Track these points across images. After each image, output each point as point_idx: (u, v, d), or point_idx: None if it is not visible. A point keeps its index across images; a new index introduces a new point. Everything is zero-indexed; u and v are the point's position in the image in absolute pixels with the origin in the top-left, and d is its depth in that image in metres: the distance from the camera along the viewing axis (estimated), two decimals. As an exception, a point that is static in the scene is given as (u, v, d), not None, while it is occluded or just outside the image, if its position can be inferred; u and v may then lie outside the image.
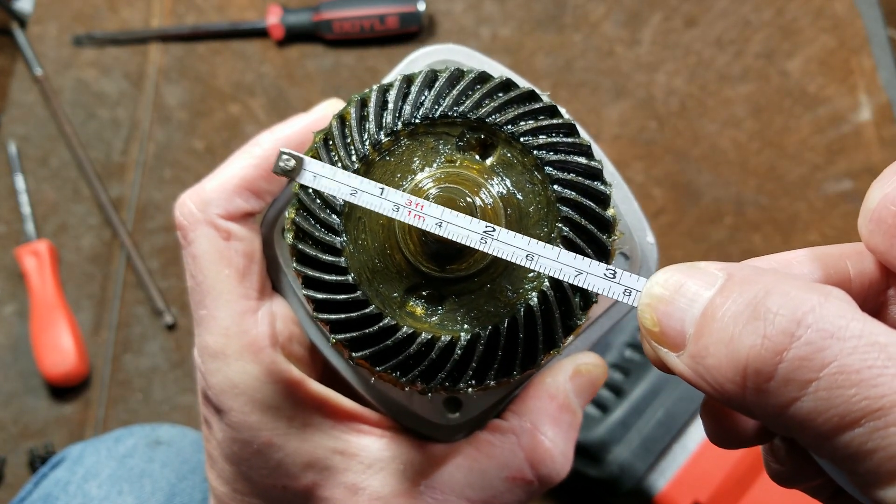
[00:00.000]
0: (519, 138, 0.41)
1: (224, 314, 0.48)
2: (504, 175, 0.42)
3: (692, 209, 1.27)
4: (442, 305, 0.41)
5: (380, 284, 0.41)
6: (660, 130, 1.32)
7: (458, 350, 0.40)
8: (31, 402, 1.28)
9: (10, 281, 1.34)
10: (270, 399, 0.47)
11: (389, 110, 0.42)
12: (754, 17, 1.35)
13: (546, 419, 0.48)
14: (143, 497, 0.75)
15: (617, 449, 0.94)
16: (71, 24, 1.51)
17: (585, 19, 1.40)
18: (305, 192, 0.42)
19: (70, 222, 1.38)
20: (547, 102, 0.42)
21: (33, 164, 1.42)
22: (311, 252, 0.41)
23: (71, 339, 1.26)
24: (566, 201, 0.40)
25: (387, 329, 0.40)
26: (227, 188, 0.49)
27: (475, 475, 0.47)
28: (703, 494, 0.92)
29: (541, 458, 0.47)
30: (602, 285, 0.36)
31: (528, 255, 0.37)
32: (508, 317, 0.40)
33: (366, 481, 0.47)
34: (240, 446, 0.48)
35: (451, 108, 0.42)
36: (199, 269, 0.49)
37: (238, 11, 1.49)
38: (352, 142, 0.42)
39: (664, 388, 0.96)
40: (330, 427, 0.48)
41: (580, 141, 0.41)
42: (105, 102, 1.45)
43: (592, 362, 0.49)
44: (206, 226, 0.48)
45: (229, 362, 0.47)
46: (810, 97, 1.29)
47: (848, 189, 1.24)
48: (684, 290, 0.32)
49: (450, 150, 0.42)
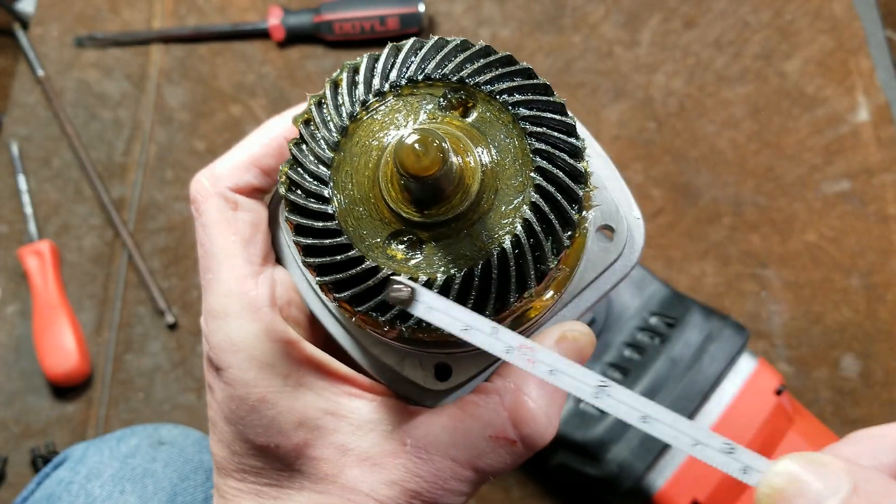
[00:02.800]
0: (497, 96, 0.44)
1: (227, 276, 0.51)
2: (483, 131, 0.45)
3: (691, 209, 1.27)
4: (421, 250, 0.43)
5: (363, 230, 0.44)
6: (658, 131, 1.32)
7: (433, 290, 0.41)
8: (33, 402, 1.28)
9: (13, 281, 1.35)
10: (267, 356, 0.49)
11: (377, 74, 0.46)
12: (753, 18, 1.36)
13: (530, 381, 0.48)
14: (145, 497, 0.76)
15: (616, 448, 0.95)
16: (73, 26, 1.52)
17: (584, 20, 1.41)
18: (298, 147, 0.45)
19: (72, 222, 1.39)
20: (524, 66, 0.45)
21: (35, 165, 1.42)
22: (301, 201, 0.44)
23: (73, 338, 1.27)
24: (539, 152, 0.43)
25: (368, 270, 0.42)
26: (238, 164, 0.53)
27: (459, 435, 0.48)
28: (702, 493, 0.92)
29: (523, 418, 0.48)
30: (719, 459, 0.36)
31: (644, 416, 0.38)
32: (483, 259, 0.42)
33: (354, 442, 0.49)
34: (237, 404, 0.50)
35: (435, 70, 0.45)
36: (208, 235, 0.52)
37: (239, 13, 1.50)
38: (342, 103, 0.46)
39: (663, 387, 0.96)
40: (322, 388, 0.50)
41: (554, 99, 0.44)
42: (107, 103, 1.46)
43: (579, 329, 0.50)
44: (217, 197, 0.53)
45: (229, 321, 0.50)
46: (808, 98, 1.30)
47: (846, 189, 1.25)
48: (806, 489, 0.32)
49: (433, 109, 0.45)
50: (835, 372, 1.17)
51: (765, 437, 0.93)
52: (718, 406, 0.95)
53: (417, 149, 0.39)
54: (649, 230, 1.26)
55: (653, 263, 1.24)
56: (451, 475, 0.48)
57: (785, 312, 1.19)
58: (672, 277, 1.24)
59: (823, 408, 1.15)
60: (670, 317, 1.02)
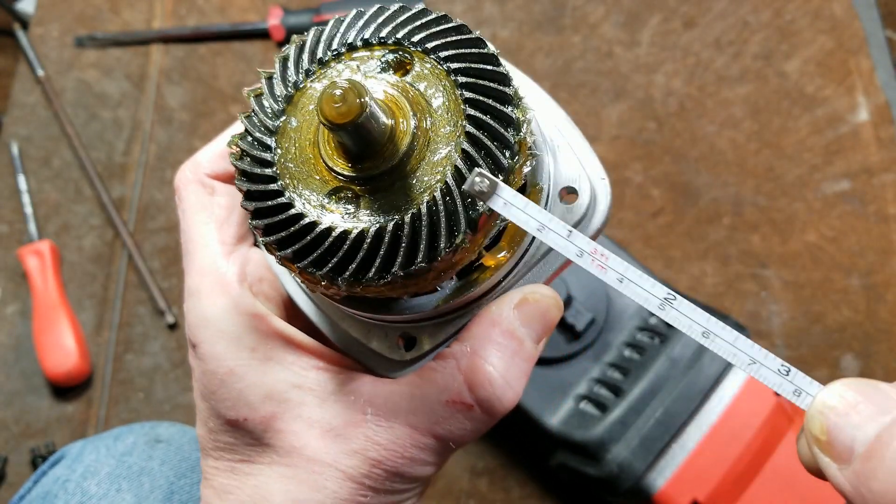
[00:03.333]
0: (430, 54, 0.46)
1: (201, 255, 0.53)
2: (418, 87, 0.46)
3: (691, 209, 1.27)
4: (358, 204, 0.45)
5: (304, 190, 0.45)
6: (658, 131, 1.32)
7: (366, 241, 0.42)
8: (33, 402, 1.28)
9: (13, 281, 1.35)
10: (235, 330, 0.51)
11: (321, 44, 0.48)
12: (753, 18, 1.36)
13: (487, 344, 0.48)
14: (141, 495, 0.76)
15: (616, 448, 0.95)
16: (73, 26, 1.52)
17: (584, 21, 1.41)
18: (248, 119, 0.47)
19: (72, 222, 1.39)
20: (457, 22, 0.47)
21: (35, 165, 1.42)
22: (247, 167, 0.46)
23: (73, 338, 1.27)
24: (469, 101, 0.44)
25: (306, 226, 0.44)
26: (216, 153, 0.56)
27: (417, 401, 0.48)
28: (702, 493, 0.92)
29: (479, 381, 0.47)
30: (773, 379, 0.37)
31: (705, 332, 0.38)
32: (414, 209, 0.43)
33: (320, 414, 0.49)
34: (208, 377, 0.51)
35: (373, 35, 0.48)
36: (186, 220, 0.55)
37: (239, 13, 1.50)
38: (288, 75, 0.48)
39: (663, 387, 0.96)
40: (290, 362, 0.51)
41: (486, 51, 0.45)
42: (107, 103, 1.46)
43: (542, 292, 0.49)
44: (195, 184, 0.55)
45: (202, 298, 0.52)
46: (808, 98, 1.30)
47: (846, 189, 1.25)
48: (860, 407, 0.33)
49: (373, 72, 0.47)
50: (835, 372, 1.17)
51: (765, 438, 0.93)
52: (718, 406, 0.95)
53: (336, 95, 0.40)
54: (649, 230, 1.26)
55: (653, 263, 1.24)
56: (411, 442, 0.48)
57: (785, 312, 1.19)
58: (672, 277, 1.24)
59: (823, 408, 1.15)
60: (670, 317, 1.02)
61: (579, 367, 1.03)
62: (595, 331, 1.03)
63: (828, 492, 0.94)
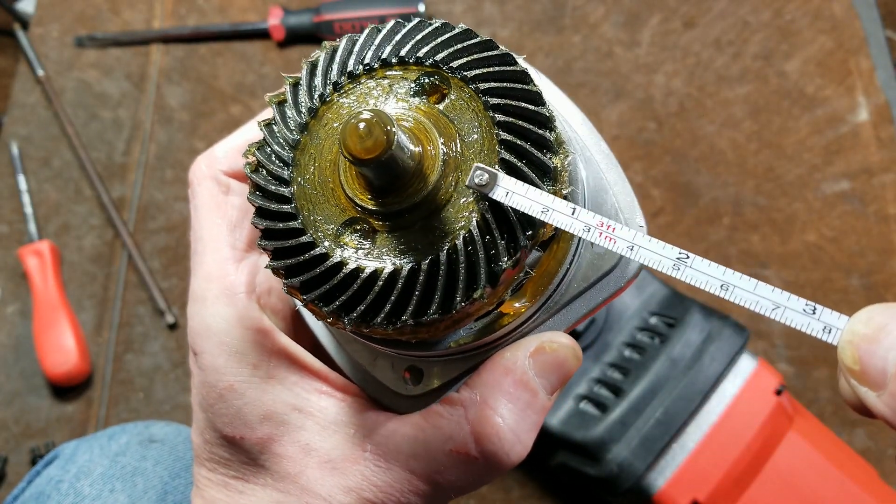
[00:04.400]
0: (469, 83, 0.43)
1: (210, 259, 0.50)
2: (452, 119, 0.43)
3: (691, 209, 1.27)
4: (374, 240, 0.42)
5: (319, 216, 0.42)
6: (658, 131, 1.32)
7: (378, 283, 0.40)
8: (33, 402, 1.28)
9: (13, 281, 1.35)
10: (238, 344, 0.48)
11: (353, 55, 0.45)
12: (753, 18, 1.36)
13: (498, 393, 0.45)
14: (135, 495, 0.75)
15: (616, 448, 0.95)
16: (73, 26, 1.52)
17: (584, 20, 1.40)
18: (268, 128, 0.44)
19: (72, 222, 1.39)
20: (502, 51, 0.43)
21: (35, 165, 1.42)
22: (262, 182, 0.43)
23: (73, 338, 1.27)
24: (505, 143, 0.41)
25: (316, 257, 0.41)
26: (234, 148, 0.53)
27: (420, 445, 0.45)
28: (702, 493, 0.92)
29: (487, 433, 0.44)
30: (800, 320, 0.36)
31: (723, 284, 0.38)
32: (433, 255, 0.40)
33: (318, 442, 0.48)
34: (207, 390, 0.49)
35: (410, 53, 0.44)
36: (198, 218, 0.52)
37: (239, 13, 1.50)
38: (316, 85, 0.45)
39: (663, 387, 0.96)
40: (292, 383, 0.49)
41: (531, 88, 0.42)
42: (107, 103, 1.46)
43: (561, 342, 0.46)
44: (210, 180, 0.52)
45: (207, 305, 0.49)
46: (808, 98, 1.30)
47: (846, 189, 1.25)
48: (889, 329, 0.32)
49: (405, 94, 0.44)
50: (835, 372, 1.16)
51: (765, 438, 0.93)
52: (719, 406, 0.95)
53: (361, 129, 0.37)
54: (649, 231, 1.26)
55: (653, 263, 1.24)
56: (408, 488, 0.46)
57: (785, 312, 1.19)
58: (672, 278, 1.23)
59: (823, 408, 1.15)
60: (670, 317, 1.02)
61: (579, 367, 1.03)
62: (595, 331, 1.03)
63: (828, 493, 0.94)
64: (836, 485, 0.91)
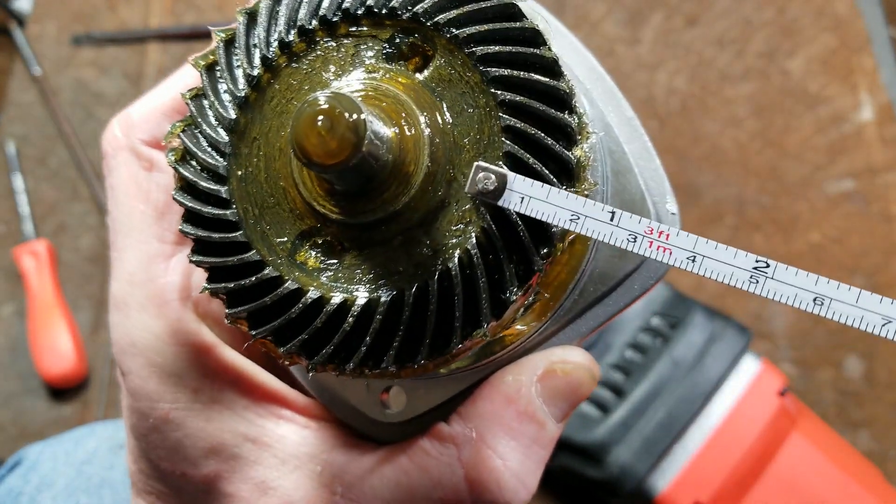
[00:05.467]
0: (462, 45, 0.32)
1: (132, 256, 0.40)
2: (440, 94, 0.32)
3: (693, 209, 1.26)
4: (341, 258, 0.32)
5: (267, 225, 0.32)
6: (660, 130, 1.31)
7: (349, 318, 0.31)
8: (29, 403, 1.28)
9: (9, 281, 1.34)
10: (172, 364, 0.39)
11: (306, 3, 0.34)
12: (755, 16, 1.35)
13: (498, 428, 0.37)
14: None
15: (617, 450, 0.94)
16: (70, 24, 1.51)
17: (586, 18, 1.40)
18: (197, 102, 0.34)
19: (69, 222, 1.38)
20: (504, 0, 0.32)
21: (32, 164, 1.42)
22: (191, 176, 0.33)
23: (69, 339, 1.26)
24: (511, 130, 0.31)
25: (266, 282, 0.32)
26: (157, 111, 0.42)
27: (402, 491, 0.37)
28: (704, 495, 0.91)
29: (484, 480, 0.36)
30: None
31: (817, 297, 0.30)
32: (420, 281, 0.30)
33: (276, 480, 0.39)
34: (138, 418, 0.40)
35: (381, 1, 0.33)
36: (115, 202, 0.41)
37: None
38: (256, 43, 0.34)
39: (665, 388, 0.95)
40: (243, 408, 0.40)
41: (544, 53, 0.31)
42: (104, 102, 1.45)
43: (574, 361, 0.38)
44: (128, 152, 0.42)
45: (130, 314, 0.40)
46: (811, 97, 1.29)
47: (849, 189, 1.24)
48: None
49: (374, 59, 0.33)
50: (838, 373, 1.16)
51: (768, 439, 0.93)
52: (722, 408, 0.94)
53: (320, 125, 0.28)
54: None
55: (654, 263, 1.24)
56: None
57: (788, 313, 1.18)
58: (674, 278, 1.23)
59: (827, 409, 1.14)
60: (673, 317, 1.01)
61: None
62: (596, 332, 1.02)
63: (832, 494, 0.94)
64: (839, 486, 0.91)
